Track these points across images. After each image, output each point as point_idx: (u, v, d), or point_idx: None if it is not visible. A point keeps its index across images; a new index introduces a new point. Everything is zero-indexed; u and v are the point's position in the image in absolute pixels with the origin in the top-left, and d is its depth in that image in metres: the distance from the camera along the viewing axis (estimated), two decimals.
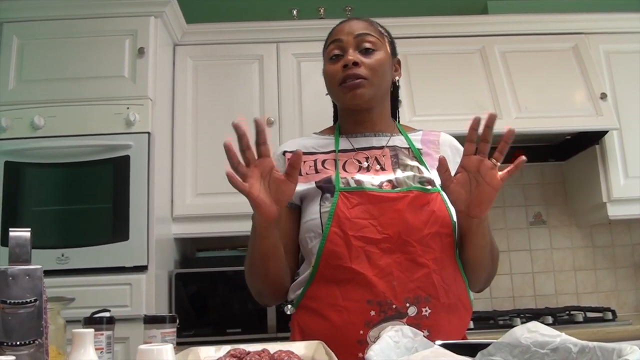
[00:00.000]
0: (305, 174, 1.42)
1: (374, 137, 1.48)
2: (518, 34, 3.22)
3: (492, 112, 1.19)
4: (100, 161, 2.54)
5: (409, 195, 1.32)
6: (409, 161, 1.42)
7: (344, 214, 1.30)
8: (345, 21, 1.49)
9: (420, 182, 1.36)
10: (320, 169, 1.42)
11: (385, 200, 1.31)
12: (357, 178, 1.37)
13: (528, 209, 3.49)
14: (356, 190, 1.33)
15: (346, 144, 1.47)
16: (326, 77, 1.47)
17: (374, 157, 1.43)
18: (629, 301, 3.42)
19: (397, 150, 1.45)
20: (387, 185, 1.35)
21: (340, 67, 1.41)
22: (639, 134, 3.13)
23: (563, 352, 0.93)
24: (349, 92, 1.41)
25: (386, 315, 1.25)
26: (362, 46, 1.42)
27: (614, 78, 3.19)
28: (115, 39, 2.71)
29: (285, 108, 3.03)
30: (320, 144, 1.49)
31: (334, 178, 1.37)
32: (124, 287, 2.43)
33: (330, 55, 1.45)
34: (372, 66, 1.41)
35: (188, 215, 2.90)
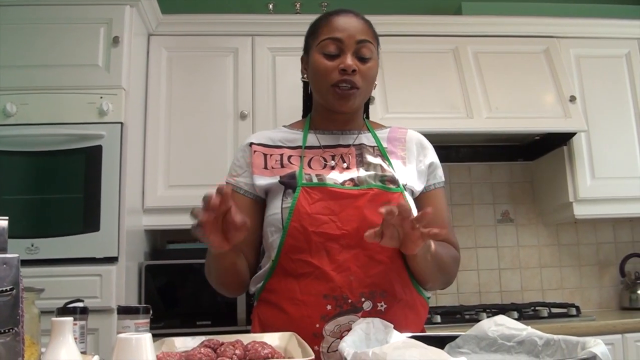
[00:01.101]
0: (271, 168, 1.42)
1: (341, 135, 1.48)
2: (491, 35, 3.26)
3: (404, 205, 1.14)
4: (72, 150, 2.51)
5: (369, 192, 1.33)
6: (373, 159, 1.43)
7: (305, 210, 1.31)
8: (345, 15, 1.44)
9: (381, 180, 1.37)
10: (286, 164, 1.42)
11: (345, 197, 1.32)
12: (321, 176, 1.37)
13: (496, 206, 3.55)
14: (318, 186, 1.34)
15: (314, 141, 1.47)
16: (316, 71, 1.43)
17: (340, 155, 1.44)
18: (592, 298, 3.51)
19: (362, 148, 1.45)
20: (349, 183, 1.36)
21: (337, 68, 1.38)
22: (606, 137, 3.21)
23: (529, 345, 0.96)
24: (341, 99, 1.40)
25: (342, 309, 1.27)
26: (361, 53, 1.40)
27: (584, 81, 3.26)
28: (90, 27, 2.67)
29: (259, 101, 3.03)
30: (288, 138, 1.49)
31: (298, 174, 1.38)
32: (94, 278, 2.40)
33: (325, 49, 1.41)
34: (367, 76, 1.41)
35: (159, 207, 2.88)
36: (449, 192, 3.48)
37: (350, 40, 1.39)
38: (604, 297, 3.51)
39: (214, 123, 2.97)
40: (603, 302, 3.51)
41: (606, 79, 3.29)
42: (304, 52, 1.53)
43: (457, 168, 3.51)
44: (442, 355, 0.73)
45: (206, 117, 2.98)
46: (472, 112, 3.00)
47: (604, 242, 3.58)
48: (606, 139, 3.21)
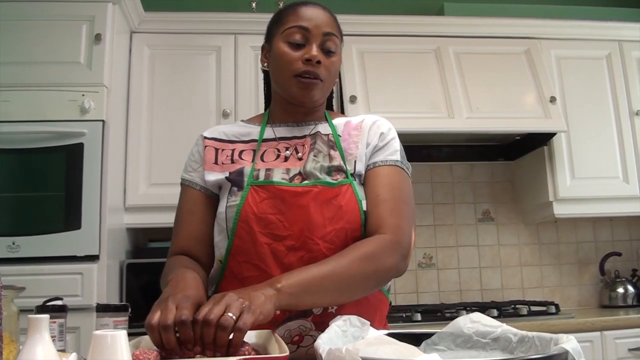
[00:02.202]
0: (222, 164, 1.38)
1: (297, 127, 1.43)
2: (473, 36, 3.29)
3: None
4: (54, 148, 2.50)
5: (313, 190, 1.27)
6: (324, 148, 1.37)
7: (252, 209, 1.27)
8: (313, 7, 1.40)
9: (328, 171, 1.31)
10: (236, 159, 1.38)
11: (291, 195, 1.27)
12: (270, 172, 1.32)
13: (477, 206, 3.57)
14: (264, 184, 1.29)
15: (269, 133, 1.43)
16: (279, 60, 1.37)
17: (294, 147, 1.39)
18: (572, 296, 3.55)
19: (317, 137, 1.40)
20: (297, 178, 1.31)
21: (301, 58, 1.34)
22: (586, 137, 3.25)
23: (504, 342, 0.97)
24: (303, 89, 1.36)
25: (291, 314, 1.24)
26: (326, 46, 1.36)
27: (564, 82, 3.30)
28: (72, 24, 2.66)
29: (242, 100, 3.03)
30: (243, 132, 1.44)
31: (247, 170, 1.33)
32: (75, 277, 2.40)
33: (290, 38, 1.36)
34: (330, 69, 1.37)
35: (141, 205, 2.87)
36: (431, 191, 3.51)
37: (316, 30, 1.35)
38: (584, 295, 3.56)
39: (196, 121, 2.97)
40: (583, 300, 3.55)
41: (586, 80, 3.34)
42: (265, 40, 1.49)
43: (438, 167, 3.53)
44: (415, 352, 0.74)
45: (188, 116, 2.98)
46: (453, 112, 3.03)
47: (584, 241, 3.63)
48: (586, 139, 3.25)
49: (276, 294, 1.06)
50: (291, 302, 1.10)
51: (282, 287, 1.08)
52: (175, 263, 1.33)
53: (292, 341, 1.27)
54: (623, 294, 3.36)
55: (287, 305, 1.10)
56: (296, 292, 1.10)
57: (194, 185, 1.41)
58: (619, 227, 3.66)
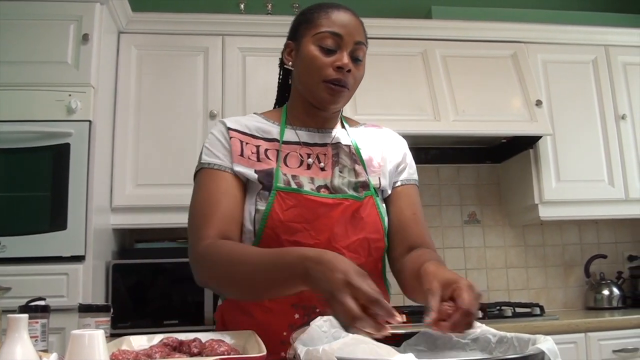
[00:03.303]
0: (248, 158, 1.36)
1: (318, 133, 1.44)
2: (460, 39, 3.31)
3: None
4: (40, 148, 2.49)
5: (344, 203, 1.31)
6: (348, 162, 1.40)
7: (278, 217, 1.27)
8: (345, 12, 1.39)
9: (355, 187, 1.36)
10: (262, 157, 1.37)
11: (319, 206, 1.29)
12: (298, 179, 1.34)
13: (463, 208, 3.59)
14: (293, 191, 1.30)
15: (291, 136, 1.42)
16: (310, 64, 1.36)
17: (316, 155, 1.40)
18: (557, 298, 3.57)
19: (339, 148, 1.42)
20: (324, 190, 1.34)
21: (332, 64, 1.33)
22: (571, 140, 3.28)
23: (483, 342, 0.98)
24: (331, 95, 1.36)
25: (309, 318, 1.21)
26: (355, 55, 1.36)
27: (550, 86, 3.33)
28: (59, 23, 2.65)
29: (229, 101, 3.03)
30: (264, 129, 1.42)
31: (274, 173, 1.33)
32: (61, 277, 2.39)
33: (323, 43, 1.35)
34: (357, 78, 1.39)
35: (127, 206, 2.87)
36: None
37: (349, 38, 1.35)
38: (569, 297, 3.58)
39: (183, 122, 2.97)
40: (568, 302, 3.58)
41: (572, 84, 3.36)
42: (291, 38, 1.46)
43: (425, 170, 3.54)
44: (391, 352, 0.75)
45: (175, 116, 2.98)
46: (440, 114, 3.04)
47: (570, 244, 3.65)
48: (571, 143, 3.28)
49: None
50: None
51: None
52: (228, 246, 1.25)
53: None
54: (608, 296, 3.39)
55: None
56: None
57: (227, 170, 1.35)
58: (605, 230, 3.69)
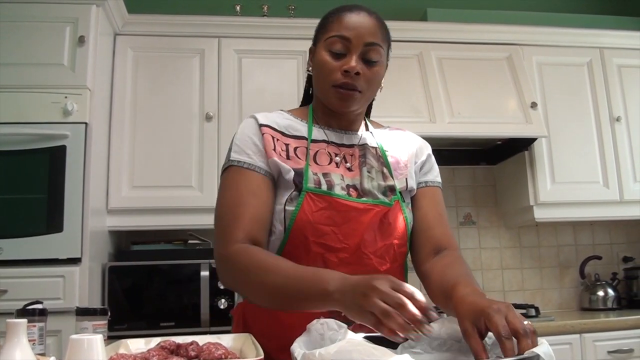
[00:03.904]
0: (279, 154, 1.34)
1: (345, 134, 1.43)
2: (455, 42, 3.32)
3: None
4: (36, 150, 2.49)
5: (374, 209, 1.30)
6: (375, 164, 1.40)
7: (307, 218, 1.27)
8: (358, 13, 1.37)
9: (384, 192, 1.35)
10: (292, 156, 1.35)
11: (350, 210, 1.29)
12: (329, 178, 1.33)
13: (459, 209, 3.61)
14: (323, 194, 1.29)
15: (320, 134, 1.42)
16: (320, 69, 1.37)
17: (343, 155, 1.40)
18: (553, 299, 3.59)
19: (366, 149, 1.42)
20: (352, 191, 1.33)
21: (341, 69, 1.33)
22: (566, 142, 3.29)
23: None
24: (341, 100, 1.35)
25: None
26: (368, 56, 1.34)
27: (545, 88, 3.35)
28: (55, 25, 2.65)
29: (225, 103, 3.03)
30: (294, 127, 1.41)
31: (304, 173, 1.32)
32: (57, 280, 2.39)
33: (332, 47, 1.35)
34: (370, 80, 1.35)
35: (123, 208, 2.87)
36: None
37: (358, 41, 1.33)
38: (564, 298, 3.60)
39: (179, 124, 2.97)
40: (563, 303, 3.59)
41: (567, 86, 3.38)
42: (313, 44, 1.46)
43: None
44: (387, 353, 0.75)
45: (171, 118, 2.98)
46: (435, 116, 3.05)
47: (565, 245, 3.67)
48: (566, 145, 3.29)
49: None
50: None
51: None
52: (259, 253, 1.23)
53: None
54: (603, 297, 3.40)
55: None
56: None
57: (257, 170, 1.32)
58: (599, 231, 3.71)
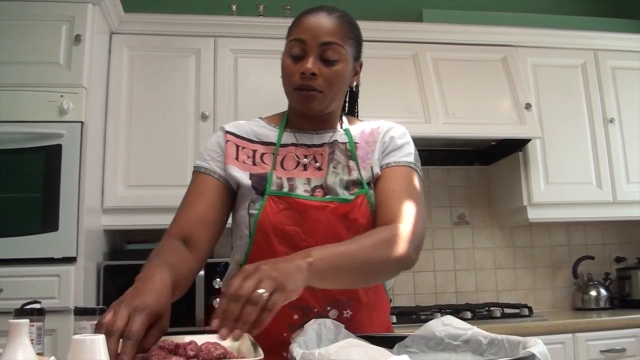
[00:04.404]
0: (243, 162, 1.39)
1: (316, 135, 1.45)
2: (450, 43, 3.33)
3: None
4: (32, 149, 2.48)
5: (330, 206, 1.31)
6: (342, 158, 1.40)
7: (269, 219, 1.30)
8: (315, 15, 1.38)
9: (346, 186, 1.35)
10: (258, 162, 1.39)
11: (308, 209, 1.31)
12: (293, 181, 1.36)
13: (452, 209, 3.62)
14: (283, 195, 1.32)
15: (289, 138, 1.44)
16: (282, 73, 1.41)
17: (313, 155, 1.41)
18: (546, 299, 3.61)
19: (334, 146, 1.42)
20: (319, 191, 1.35)
21: (298, 71, 1.34)
22: (560, 143, 3.31)
23: (474, 344, 1.00)
24: (302, 102, 1.38)
25: (308, 318, 1.26)
26: (326, 56, 1.35)
27: (539, 90, 3.36)
28: (52, 24, 2.64)
29: (221, 103, 3.04)
30: (264, 133, 1.45)
31: (268, 177, 1.35)
32: (52, 279, 2.38)
33: (291, 51, 1.37)
34: (330, 79, 1.36)
35: (119, 207, 2.87)
36: None
37: (313, 42, 1.34)
38: (557, 297, 3.62)
39: (174, 123, 2.97)
40: (556, 302, 3.61)
41: (562, 87, 3.40)
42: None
43: None
44: (385, 354, 0.76)
45: (167, 118, 2.98)
46: (430, 117, 3.06)
47: (558, 245, 3.69)
48: (560, 146, 3.31)
49: (308, 268, 1.05)
50: (318, 279, 1.08)
51: (314, 261, 1.06)
52: (161, 250, 1.28)
53: None
54: (596, 296, 3.43)
55: (313, 283, 1.07)
56: (326, 267, 1.09)
57: (212, 174, 1.39)
58: (592, 232, 3.73)
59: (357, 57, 1.47)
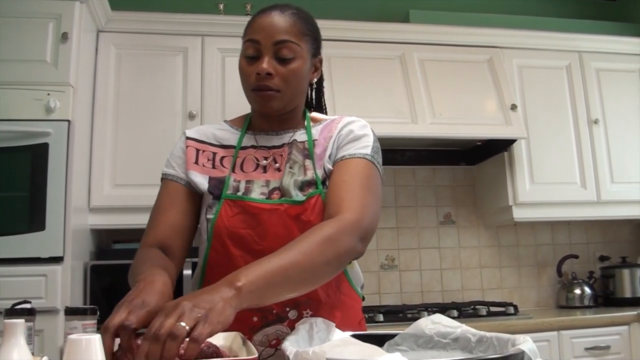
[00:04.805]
0: (202, 165, 1.40)
1: (276, 136, 1.44)
2: (437, 43, 3.35)
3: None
4: (18, 148, 2.46)
5: (280, 208, 1.30)
6: (299, 158, 1.38)
7: (224, 223, 1.30)
8: (267, 14, 1.36)
9: (300, 186, 1.33)
10: (217, 165, 1.40)
11: (260, 212, 1.30)
12: (250, 184, 1.35)
13: (439, 209, 3.64)
14: (237, 199, 1.32)
15: (250, 140, 1.44)
16: (240, 74, 1.39)
17: (272, 156, 1.40)
18: (531, 297, 3.65)
19: (293, 146, 1.41)
20: (276, 193, 1.33)
21: (254, 72, 1.33)
22: (545, 144, 3.35)
23: (463, 342, 1.01)
24: (260, 102, 1.37)
25: (267, 320, 1.29)
26: (280, 54, 1.33)
27: (525, 90, 3.40)
28: (38, 21, 2.62)
29: (208, 102, 3.03)
30: (225, 137, 1.45)
31: (225, 181, 1.36)
32: (39, 279, 2.36)
33: (246, 52, 1.36)
34: (287, 77, 1.34)
35: (105, 206, 2.85)
36: (394, 194, 3.57)
37: (267, 41, 1.33)
38: (542, 296, 3.66)
39: (162, 122, 2.96)
40: (541, 301, 3.65)
41: (547, 88, 3.43)
42: None
43: (401, 171, 3.59)
44: (378, 352, 0.77)
45: (154, 117, 2.97)
46: (417, 117, 3.08)
47: (542, 244, 3.73)
48: (545, 146, 3.35)
49: (236, 295, 0.98)
50: (253, 300, 1.02)
51: (242, 285, 0.99)
52: (147, 258, 1.29)
53: (270, 345, 1.31)
54: (580, 295, 3.47)
55: (249, 305, 1.01)
56: (258, 288, 1.02)
57: (177, 180, 1.41)
58: (576, 231, 3.77)
59: (315, 53, 1.44)
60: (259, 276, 1.03)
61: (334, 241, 1.16)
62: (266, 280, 1.04)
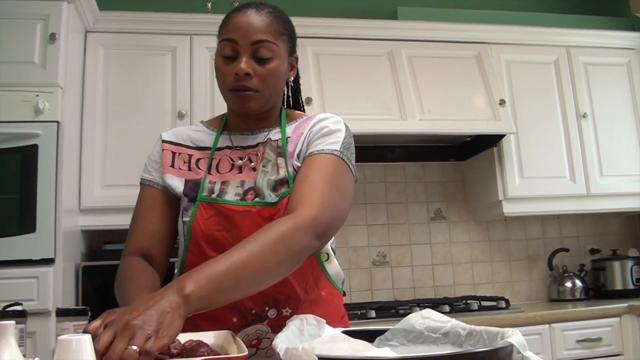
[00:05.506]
0: (178, 168, 1.40)
1: (251, 135, 1.43)
2: (425, 40, 3.36)
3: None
4: (7, 150, 2.45)
5: (252, 210, 1.29)
6: (272, 156, 1.37)
7: (200, 226, 1.30)
8: (244, 13, 1.34)
9: (273, 186, 1.32)
10: (193, 167, 1.40)
11: (234, 214, 1.30)
12: (225, 185, 1.35)
13: (429, 205, 3.65)
14: (212, 201, 1.32)
15: (225, 141, 1.43)
16: (217, 73, 1.38)
17: (248, 156, 1.39)
18: (522, 291, 3.67)
19: (267, 144, 1.40)
20: (251, 194, 1.33)
21: (232, 72, 1.32)
22: (534, 138, 3.36)
23: (453, 336, 1.01)
24: (238, 103, 1.35)
25: (247, 320, 1.30)
26: (258, 54, 1.32)
27: (513, 86, 3.41)
28: (26, 22, 2.60)
29: (197, 101, 3.03)
30: (200, 138, 1.45)
31: (201, 183, 1.35)
32: (31, 281, 2.35)
33: (223, 52, 1.34)
34: (265, 77, 1.33)
35: (96, 207, 2.85)
36: (384, 190, 3.58)
37: (244, 41, 1.31)
38: (533, 290, 3.68)
39: (151, 122, 2.95)
40: (532, 294, 3.67)
41: (535, 83, 3.45)
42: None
43: (391, 167, 3.60)
44: (368, 347, 0.78)
45: (143, 117, 2.96)
46: (406, 113, 3.09)
47: (533, 238, 3.75)
48: (534, 141, 3.36)
49: (185, 302, 0.96)
50: (203, 305, 1.00)
51: (191, 292, 0.97)
52: (132, 273, 1.30)
53: (251, 345, 1.32)
54: (571, 288, 3.49)
55: (199, 310, 0.99)
56: (208, 293, 1.00)
57: (154, 185, 1.42)
58: (567, 224, 3.79)
59: (291, 52, 1.43)
60: (209, 280, 1.01)
61: (287, 240, 1.14)
62: (216, 284, 1.02)
